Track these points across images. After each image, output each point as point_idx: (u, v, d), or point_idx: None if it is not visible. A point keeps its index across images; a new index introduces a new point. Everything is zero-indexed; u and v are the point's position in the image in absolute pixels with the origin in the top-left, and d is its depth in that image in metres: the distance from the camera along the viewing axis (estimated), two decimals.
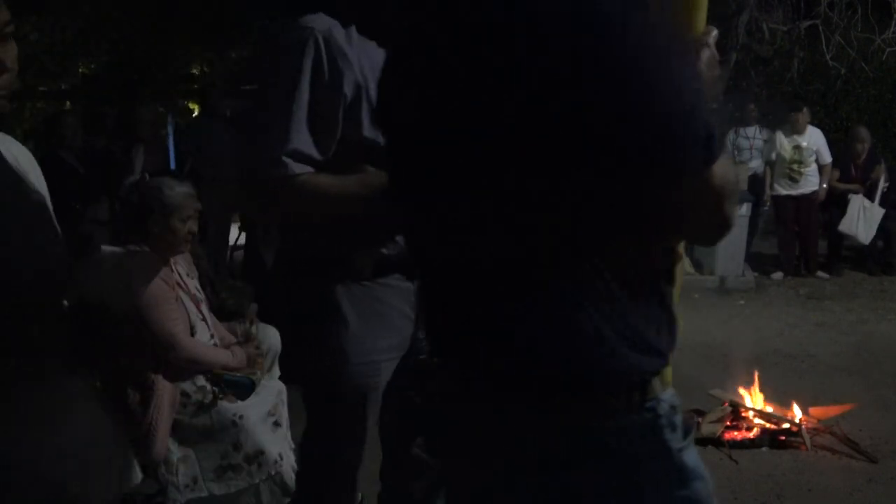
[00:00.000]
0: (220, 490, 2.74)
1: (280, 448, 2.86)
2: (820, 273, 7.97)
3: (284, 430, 2.98)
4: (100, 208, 5.00)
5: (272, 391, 2.97)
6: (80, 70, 8.88)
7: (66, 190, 4.85)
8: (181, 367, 2.74)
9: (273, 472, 2.79)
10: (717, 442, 3.78)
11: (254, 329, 3.12)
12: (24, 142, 5.79)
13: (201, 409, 2.74)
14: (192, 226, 2.91)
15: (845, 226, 7.85)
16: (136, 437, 2.64)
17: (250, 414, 2.80)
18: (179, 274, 2.90)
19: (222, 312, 3.24)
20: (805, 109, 7.96)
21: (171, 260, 2.88)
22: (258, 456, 2.77)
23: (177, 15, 8.62)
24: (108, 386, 2.74)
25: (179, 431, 2.72)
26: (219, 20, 9.01)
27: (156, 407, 2.65)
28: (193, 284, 2.97)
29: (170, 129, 8.83)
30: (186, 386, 2.77)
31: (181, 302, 2.82)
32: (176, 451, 2.71)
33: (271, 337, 3.24)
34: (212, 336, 2.96)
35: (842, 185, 7.97)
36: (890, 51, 8.67)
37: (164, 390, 2.68)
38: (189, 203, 2.87)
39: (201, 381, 2.80)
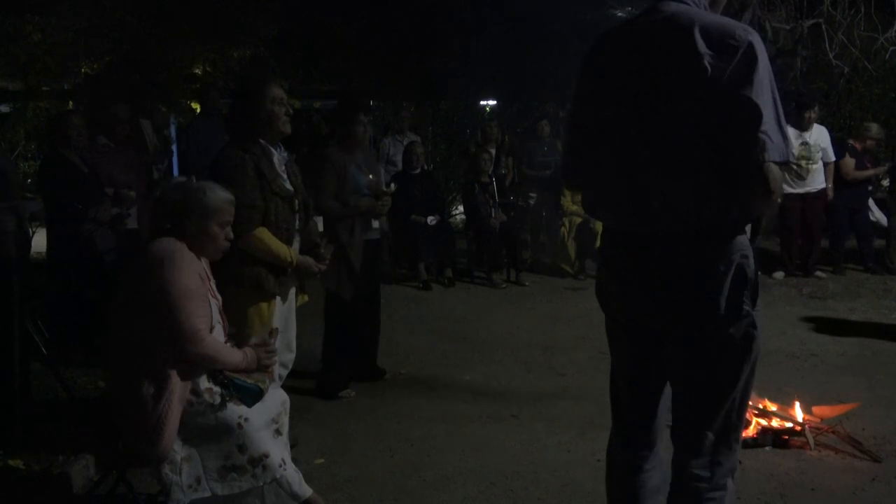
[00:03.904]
0: (222, 490, 2.73)
1: (283, 454, 2.86)
2: (819, 273, 7.98)
3: (285, 440, 2.98)
4: (102, 208, 4.99)
5: (276, 400, 2.96)
6: (83, 70, 8.87)
7: (68, 189, 4.86)
8: (197, 363, 2.75)
9: (278, 476, 2.79)
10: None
11: (273, 340, 3.11)
12: (26, 142, 5.75)
13: (210, 410, 2.74)
14: (229, 233, 2.95)
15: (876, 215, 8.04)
16: (145, 430, 2.64)
17: (255, 418, 2.79)
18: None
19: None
20: (816, 107, 7.95)
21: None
22: (262, 459, 2.76)
23: (178, 14, 8.61)
24: (124, 375, 2.74)
25: (184, 430, 2.72)
26: (220, 20, 9.00)
27: (167, 401, 2.65)
28: (212, 286, 2.98)
29: (172, 129, 8.84)
30: (199, 385, 2.77)
31: (208, 300, 2.85)
32: (180, 451, 2.71)
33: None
34: (227, 338, 2.97)
35: (864, 173, 8.00)
36: (893, 49, 8.66)
37: (177, 385, 2.69)
38: (228, 209, 2.92)
39: (209, 381, 2.80)
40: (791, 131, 7.77)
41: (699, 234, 2.05)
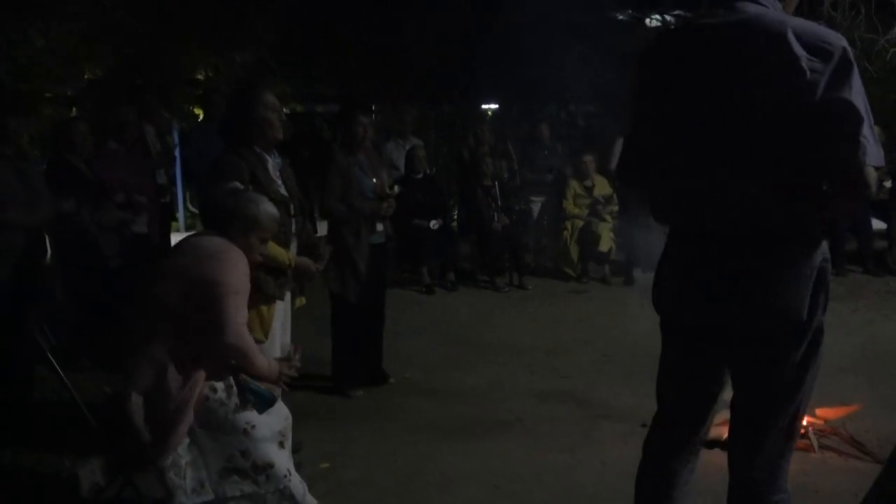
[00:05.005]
0: (225, 493, 2.74)
1: (288, 465, 2.88)
2: None
3: (288, 453, 2.99)
4: (108, 213, 5.01)
5: (281, 414, 2.98)
6: (87, 76, 8.87)
7: (73, 195, 4.88)
8: (229, 355, 2.78)
9: (281, 487, 2.81)
10: (724, 445, 3.78)
11: (298, 356, 3.13)
12: (30, 147, 5.73)
13: (222, 408, 2.76)
14: (264, 249, 3.03)
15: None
16: (165, 415, 2.67)
17: (262, 428, 2.81)
18: None
19: None
20: None
21: None
22: (267, 468, 2.78)
23: (178, 14, 8.56)
24: (151, 360, 2.77)
25: (192, 428, 2.74)
26: (219, 19, 8.96)
27: (190, 389, 2.69)
28: None
29: (175, 135, 8.85)
30: (217, 382, 2.80)
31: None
32: (185, 455, 2.72)
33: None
34: None
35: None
36: (894, 51, 8.66)
37: (201, 378, 2.73)
38: (271, 227, 3.00)
39: (230, 380, 2.83)
40: None
41: (788, 236, 2.06)
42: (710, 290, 2.14)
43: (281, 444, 2.92)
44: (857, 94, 1.93)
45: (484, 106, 13.23)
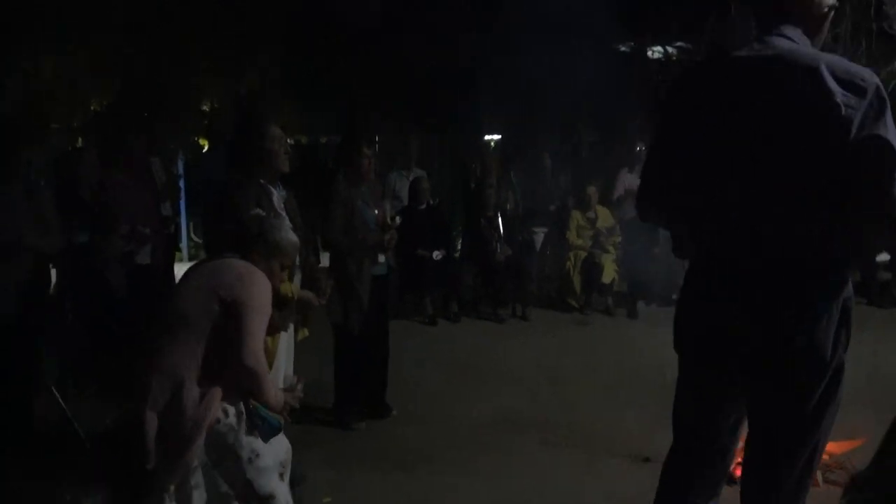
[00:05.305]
0: None
1: (287, 497, 2.87)
2: None
3: (287, 485, 2.98)
4: (112, 242, 5.03)
5: (283, 446, 2.98)
6: (93, 108, 8.93)
7: (78, 224, 4.90)
8: (244, 377, 2.77)
9: None
10: (728, 478, 3.75)
11: (300, 387, 3.13)
12: (36, 176, 5.76)
13: (231, 432, 2.76)
14: (283, 276, 3.08)
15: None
16: (178, 436, 2.66)
17: (266, 457, 2.80)
18: None
19: None
20: None
21: None
22: (269, 499, 2.77)
23: (178, 14, 8.53)
24: (169, 379, 2.76)
25: (199, 450, 2.73)
26: (221, 43, 8.98)
27: (205, 407, 2.68)
28: None
29: (180, 166, 8.89)
30: (228, 405, 2.79)
31: None
32: (191, 478, 2.71)
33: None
34: None
35: None
36: (895, 83, 8.72)
37: (217, 397, 2.73)
38: (293, 254, 3.05)
39: (241, 406, 2.82)
40: None
41: (816, 270, 2.04)
42: (735, 324, 2.11)
43: (281, 476, 2.91)
44: (891, 130, 1.92)
45: (487, 136, 13.30)
